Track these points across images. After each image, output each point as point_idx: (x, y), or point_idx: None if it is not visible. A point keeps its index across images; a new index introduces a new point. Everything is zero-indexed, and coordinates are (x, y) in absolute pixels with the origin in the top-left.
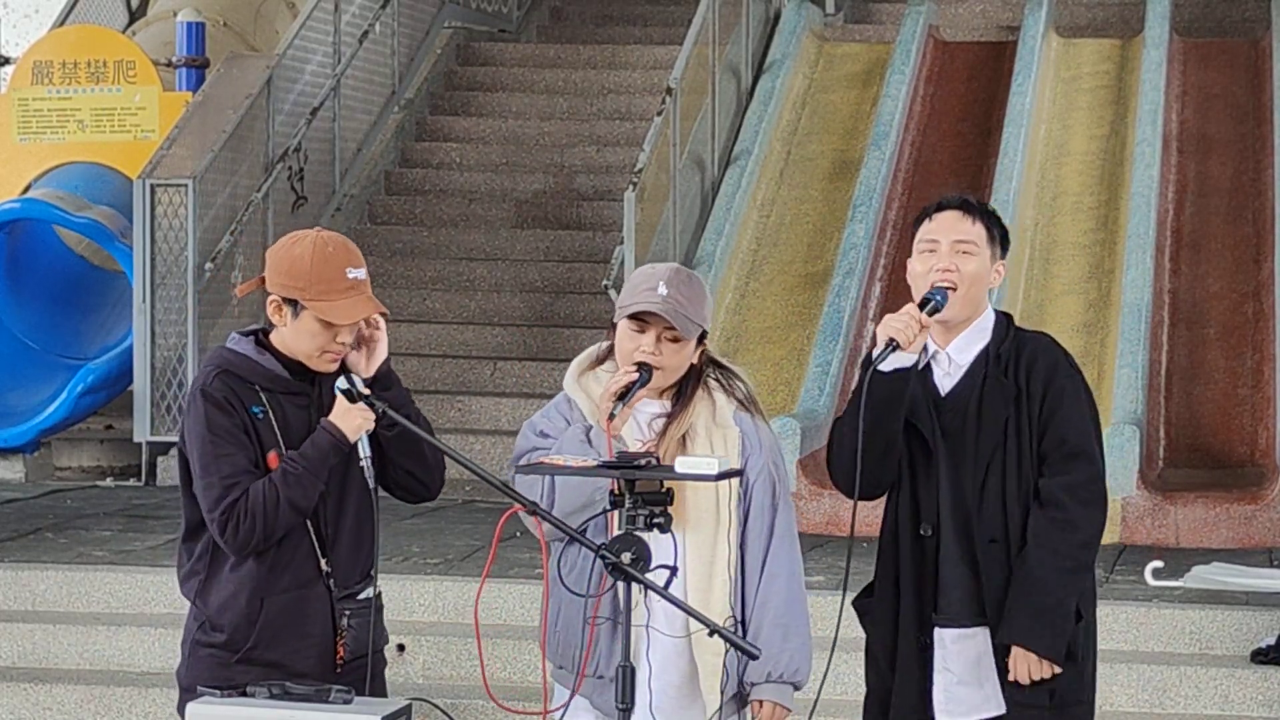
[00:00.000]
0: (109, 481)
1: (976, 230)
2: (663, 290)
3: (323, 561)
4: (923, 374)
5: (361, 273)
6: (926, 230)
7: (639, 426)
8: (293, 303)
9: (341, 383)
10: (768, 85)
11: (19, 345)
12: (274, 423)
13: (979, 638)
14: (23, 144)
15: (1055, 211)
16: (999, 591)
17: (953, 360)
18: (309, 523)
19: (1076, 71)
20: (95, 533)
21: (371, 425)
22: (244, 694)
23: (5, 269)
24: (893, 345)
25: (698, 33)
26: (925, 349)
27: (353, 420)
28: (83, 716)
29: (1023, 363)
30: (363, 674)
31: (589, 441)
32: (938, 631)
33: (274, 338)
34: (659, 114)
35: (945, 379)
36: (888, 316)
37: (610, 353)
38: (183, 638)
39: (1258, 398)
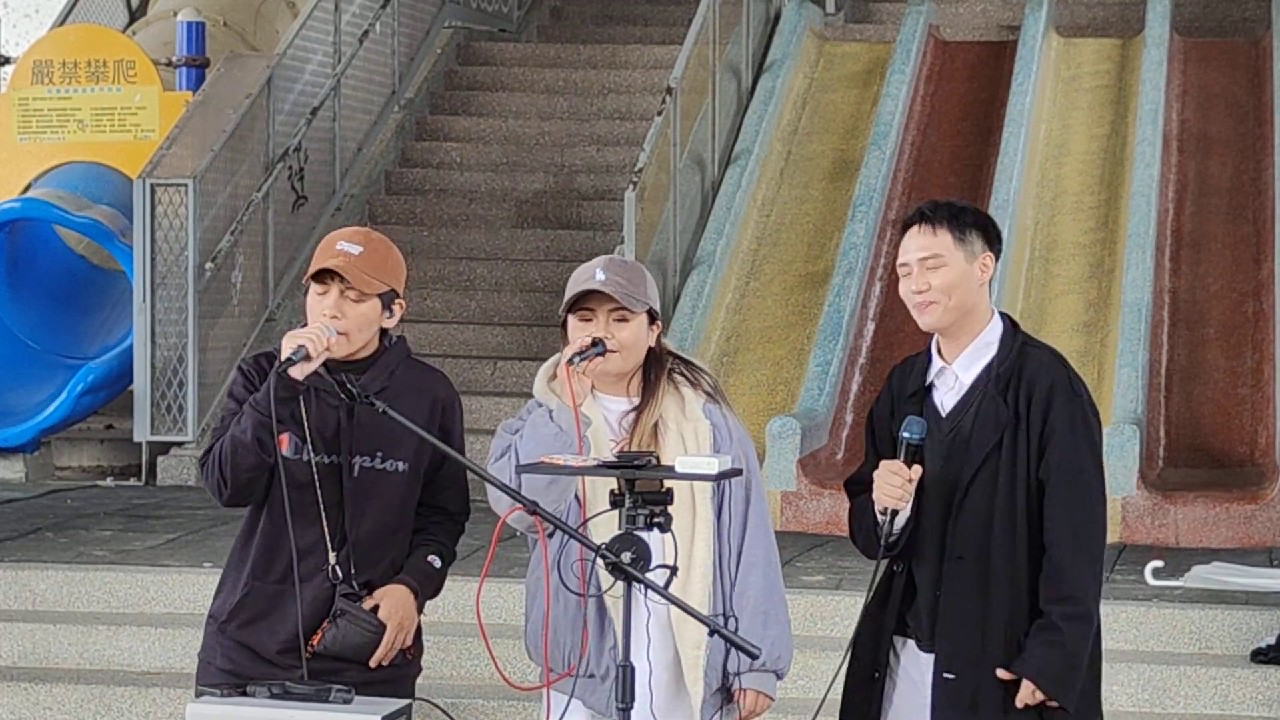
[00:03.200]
0: (109, 481)
1: (938, 240)
2: (600, 275)
3: (331, 556)
4: (927, 392)
5: (354, 247)
6: (901, 253)
7: (610, 425)
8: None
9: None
10: (768, 85)
11: (19, 345)
12: (303, 411)
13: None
14: (23, 144)
15: (1055, 211)
16: (957, 609)
17: (958, 378)
18: (324, 518)
19: (1076, 71)
20: (95, 533)
21: (322, 339)
22: (244, 694)
23: (5, 269)
24: (893, 514)
25: (698, 32)
26: (931, 365)
27: (295, 339)
28: (83, 716)
29: (1023, 384)
30: (331, 672)
31: (551, 417)
32: (911, 647)
33: None
34: (659, 114)
35: (948, 396)
36: (879, 482)
37: None
38: None
39: (1258, 398)
